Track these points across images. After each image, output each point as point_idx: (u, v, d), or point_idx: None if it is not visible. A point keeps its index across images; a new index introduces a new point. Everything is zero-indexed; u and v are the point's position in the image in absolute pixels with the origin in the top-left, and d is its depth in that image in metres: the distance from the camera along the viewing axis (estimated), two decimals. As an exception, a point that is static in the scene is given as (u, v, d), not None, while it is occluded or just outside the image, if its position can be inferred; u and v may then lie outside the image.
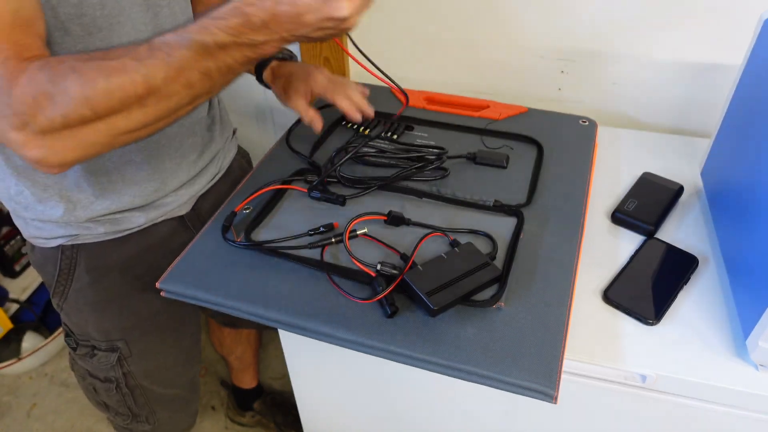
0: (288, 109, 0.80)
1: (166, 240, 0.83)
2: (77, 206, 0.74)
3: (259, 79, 0.85)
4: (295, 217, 0.75)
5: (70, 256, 0.79)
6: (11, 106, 0.51)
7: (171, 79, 0.52)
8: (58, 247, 0.78)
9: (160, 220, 0.82)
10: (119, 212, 0.77)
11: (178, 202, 0.82)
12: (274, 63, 0.85)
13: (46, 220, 0.75)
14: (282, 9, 0.51)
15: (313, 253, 0.70)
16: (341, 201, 0.76)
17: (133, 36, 0.67)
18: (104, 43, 0.64)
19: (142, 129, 0.55)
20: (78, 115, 0.51)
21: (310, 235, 0.71)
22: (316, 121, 0.79)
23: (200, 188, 0.85)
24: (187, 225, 0.85)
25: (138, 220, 0.79)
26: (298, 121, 0.94)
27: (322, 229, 0.72)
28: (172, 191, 0.80)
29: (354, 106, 0.78)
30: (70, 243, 0.78)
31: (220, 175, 0.90)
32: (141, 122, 0.54)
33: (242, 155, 0.99)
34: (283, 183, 0.80)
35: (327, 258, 0.69)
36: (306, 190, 0.78)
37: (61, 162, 0.54)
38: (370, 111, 0.79)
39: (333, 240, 0.70)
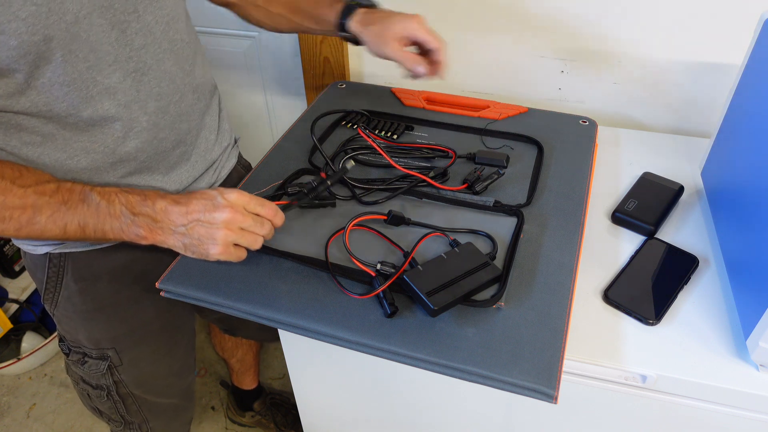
0: (380, 60, 0.78)
1: (158, 248, 0.81)
2: None
3: (342, 30, 0.80)
4: (289, 217, 0.75)
5: (57, 264, 0.78)
6: None
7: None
8: (45, 254, 0.77)
9: None
10: None
11: None
12: (361, 10, 0.79)
13: None
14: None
15: (315, 252, 0.70)
16: (332, 204, 0.76)
17: (93, 60, 0.62)
18: (62, 71, 0.60)
19: None
20: None
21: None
22: (418, 62, 0.76)
23: None
24: None
25: None
26: (319, 116, 0.91)
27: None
28: None
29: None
30: (57, 251, 0.77)
31: (216, 185, 0.86)
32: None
33: (243, 166, 0.95)
34: (272, 197, 0.77)
35: (329, 257, 0.69)
36: (296, 203, 0.76)
37: None
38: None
39: (330, 183, 0.74)
